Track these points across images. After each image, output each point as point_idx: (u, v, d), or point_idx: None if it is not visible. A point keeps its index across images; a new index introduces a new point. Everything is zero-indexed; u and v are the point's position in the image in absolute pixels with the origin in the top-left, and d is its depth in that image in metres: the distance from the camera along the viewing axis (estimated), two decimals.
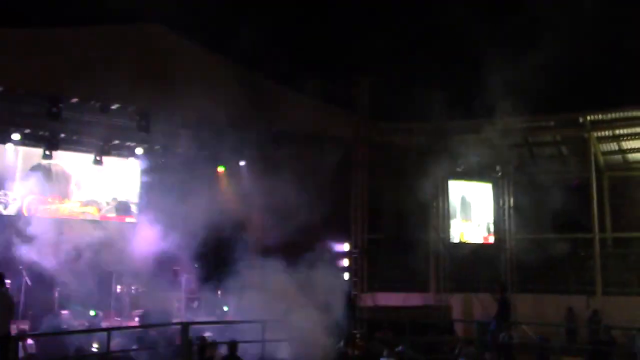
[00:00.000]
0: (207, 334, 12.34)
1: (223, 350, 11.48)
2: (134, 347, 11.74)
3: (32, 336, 11.50)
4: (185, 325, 10.79)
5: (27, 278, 15.80)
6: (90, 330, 13.50)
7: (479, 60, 18.54)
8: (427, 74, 19.37)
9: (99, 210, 18.64)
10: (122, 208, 19.03)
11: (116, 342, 12.35)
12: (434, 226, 19.77)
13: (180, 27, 15.88)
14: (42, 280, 15.92)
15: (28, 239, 16.00)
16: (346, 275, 18.45)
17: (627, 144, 20.69)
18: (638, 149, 20.66)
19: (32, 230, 16.20)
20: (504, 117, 18.90)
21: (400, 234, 20.13)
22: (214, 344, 11.75)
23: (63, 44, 14.49)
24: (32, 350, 11.61)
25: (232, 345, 11.21)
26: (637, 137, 20.24)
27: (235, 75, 16.56)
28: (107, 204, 18.76)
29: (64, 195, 18.08)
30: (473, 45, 19.11)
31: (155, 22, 16.00)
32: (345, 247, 18.90)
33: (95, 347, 13.45)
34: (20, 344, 10.48)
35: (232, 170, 19.38)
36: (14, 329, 10.82)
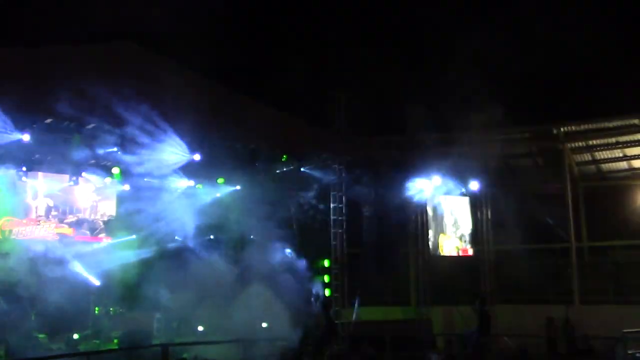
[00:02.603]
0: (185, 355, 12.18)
1: None
2: None
3: None
4: (165, 348, 10.63)
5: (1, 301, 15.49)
6: (69, 355, 13.29)
7: (455, 73, 18.78)
8: (403, 88, 19.55)
9: (74, 230, 18.36)
10: (98, 228, 18.76)
11: None
12: (413, 240, 19.81)
13: (155, 44, 15.81)
14: (18, 303, 15.62)
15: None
16: (327, 291, 18.39)
17: (601, 155, 21.00)
18: (611, 159, 20.99)
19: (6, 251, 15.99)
20: (480, 129, 19.08)
21: (380, 248, 20.17)
22: None
23: (37, 63, 14.31)
24: None
25: None
26: (610, 147, 20.56)
27: (210, 92, 16.51)
28: (84, 224, 18.48)
29: (39, 216, 17.80)
30: (448, 59, 19.36)
31: (129, 39, 15.89)
32: (326, 263, 18.85)
33: None
34: None
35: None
36: None
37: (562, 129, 20.10)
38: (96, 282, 17.46)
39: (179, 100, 15.11)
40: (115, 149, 16.18)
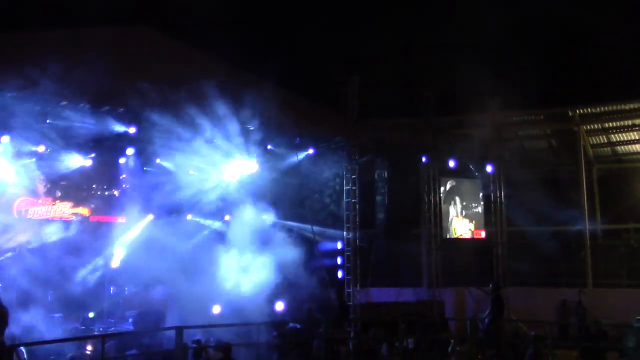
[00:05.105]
0: (197, 337, 12.30)
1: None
2: (129, 352, 11.74)
3: (25, 345, 11.42)
4: (179, 330, 10.73)
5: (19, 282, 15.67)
6: (84, 337, 13.49)
7: (469, 55, 18.62)
8: (417, 71, 19.40)
9: (90, 211, 18.49)
10: (113, 208, 18.88)
11: (110, 345, 12.42)
12: (426, 222, 19.80)
13: (168, 27, 15.75)
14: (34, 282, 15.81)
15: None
16: (340, 273, 18.48)
17: (616, 137, 20.87)
18: (627, 141, 20.85)
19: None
20: (494, 111, 18.95)
21: (392, 230, 20.19)
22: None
23: (51, 46, 14.32)
24: (24, 356, 11.54)
25: (226, 348, 11.25)
26: (625, 130, 20.41)
27: (223, 74, 16.45)
28: (98, 204, 18.60)
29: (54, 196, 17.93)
30: (463, 40, 19.19)
31: (141, 22, 15.83)
32: (339, 244, 18.93)
33: (89, 349, 13.47)
34: None
35: None
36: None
37: (577, 111, 19.96)
38: (114, 263, 17.59)
39: (193, 82, 15.13)
40: (129, 129, 16.21)
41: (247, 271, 16.09)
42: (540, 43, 19.63)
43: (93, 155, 17.64)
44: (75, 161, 17.69)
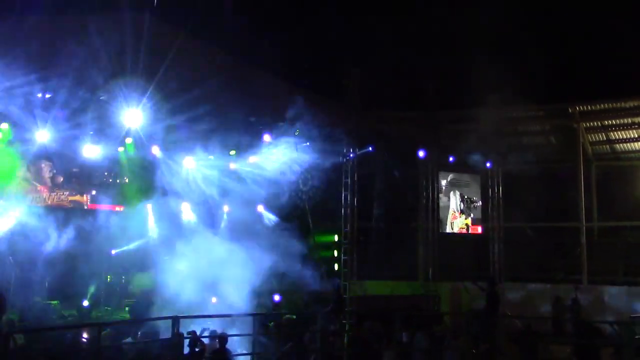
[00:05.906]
0: (194, 328, 12.33)
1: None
2: (125, 340, 11.78)
3: (22, 332, 11.47)
4: (175, 319, 10.78)
5: (16, 269, 15.71)
6: (81, 325, 13.53)
7: (470, 50, 18.59)
8: (418, 64, 19.37)
9: (88, 199, 18.49)
10: (112, 197, 18.88)
11: (106, 332, 12.44)
12: (423, 216, 19.85)
13: (170, 17, 15.68)
14: (31, 269, 15.83)
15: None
16: (336, 266, 18.52)
17: (615, 135, 20.86)
18: (626, 139, 20.83)
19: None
20: (494, 107, 18.95)
21: (390, 223, 20.22)
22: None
23: (50, 32, 14.28)
24: (21, 341, 11.59)
25: (222, 339, 11.30)
26: (625, 127, 20.40)
27: (224, 64, 16.43)
28: (97, 193, 18.59)
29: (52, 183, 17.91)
30: (464, 35, 19.16)
31: (145, 11, 15.76)
32: (335, 237, 18.97)
33: (85, 336, 13.50)
34: None
35: None
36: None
37: (577, 108, 19.97)
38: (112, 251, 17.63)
39: (192, 72, 15.11)
40: (129, 118, 16.18)
41: (243, 263, 16.11)
42: (541, 39, 19.57)
43: (93, 143, 17.61)
44: (76, 149, 17.67)
